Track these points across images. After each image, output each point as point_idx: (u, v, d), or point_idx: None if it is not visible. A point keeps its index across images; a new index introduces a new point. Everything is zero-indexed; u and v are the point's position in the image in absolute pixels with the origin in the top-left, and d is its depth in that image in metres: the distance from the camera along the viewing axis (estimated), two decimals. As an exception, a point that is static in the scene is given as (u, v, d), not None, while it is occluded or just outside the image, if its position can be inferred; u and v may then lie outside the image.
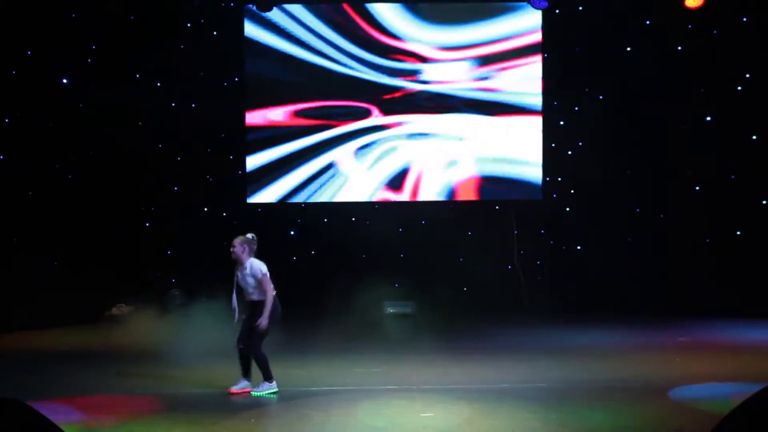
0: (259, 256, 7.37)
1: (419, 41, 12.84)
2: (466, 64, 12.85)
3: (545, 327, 11.31)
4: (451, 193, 12.89)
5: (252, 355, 7.25)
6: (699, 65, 12.47)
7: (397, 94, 12.89)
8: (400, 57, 12.86)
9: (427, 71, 12.88)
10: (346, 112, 12.92)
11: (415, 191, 12.92)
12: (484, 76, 12.86)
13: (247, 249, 7.33)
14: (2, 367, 8.82)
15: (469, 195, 12.87)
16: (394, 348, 9.39)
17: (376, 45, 12.85)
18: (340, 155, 12.92)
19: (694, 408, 6.65)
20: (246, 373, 7.34)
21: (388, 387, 7.54)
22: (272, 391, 7.28)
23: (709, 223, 12.54)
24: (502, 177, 12.88)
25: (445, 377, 7.99)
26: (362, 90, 12.89)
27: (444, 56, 12.85)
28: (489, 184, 12.88)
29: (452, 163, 12.90)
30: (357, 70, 12.88)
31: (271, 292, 7.16)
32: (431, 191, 12.91)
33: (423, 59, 12.86)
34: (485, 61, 12.84)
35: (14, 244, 11.82)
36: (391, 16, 12.84)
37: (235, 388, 7.30)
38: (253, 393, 7.27)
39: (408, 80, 12.88)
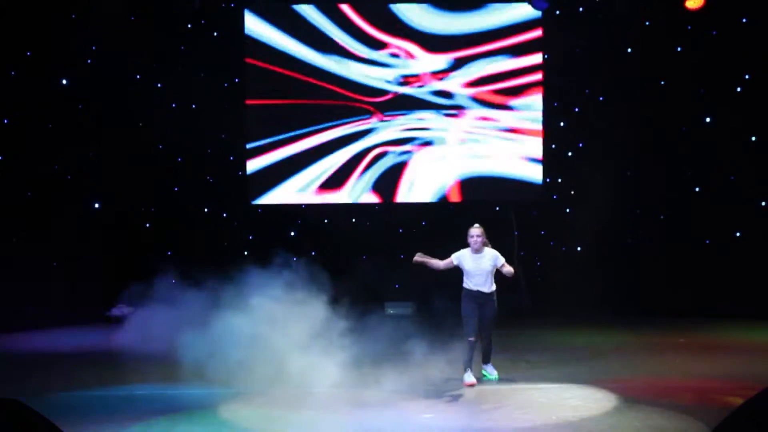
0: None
1: (419, 40, 12.83)
2: (466, 66, 12.84)
3: (545, 328, 11.31)
4: (451, 193, 12.89)
5: (490, 341, 7.87)
6: (699, 65, 12.46)
7: (396, 95, 12.88)
8: (400, 57, 12.85)
9: (427, 71, 12.87)
10: (347, 113, 12.91)
11: (415, 192, 12.92)
12: (485, 76, 12.85)
13: (485, 238, 7.89)
14: (2, 367, 8.82)
15: (469, 196, 12.86)
16: (394, 349, 9.39)
17: (376, 45, 12.84)
18: (341, 156, 12.92)
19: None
20: (487, 359, 8.01)
21: (388, 387, 7.54)
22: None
23: (708, 225, 12.53)
24: (502, 177, 12.87)
25: (444, 378, 7.99)
26: (363, 90, 12.89)
27: (444, 56, 12.84)
28: (489, 184, 12.87)
29: (452, 164, 12.89)
30: (358, 70, 12.88)
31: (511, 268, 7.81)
32: (431, 192, 12.91)
33: (422, 59, 12.85)
34: (485, 62, 12.83)
35: (14, 245, 11.83)
36: (391, 17, 12.83)
37: (494, 373, 7.98)
38: (490, 376, 7.96)
39: (408, 80, 12.88)
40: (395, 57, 12.87)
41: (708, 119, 12.58)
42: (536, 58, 12.81)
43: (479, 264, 7.76)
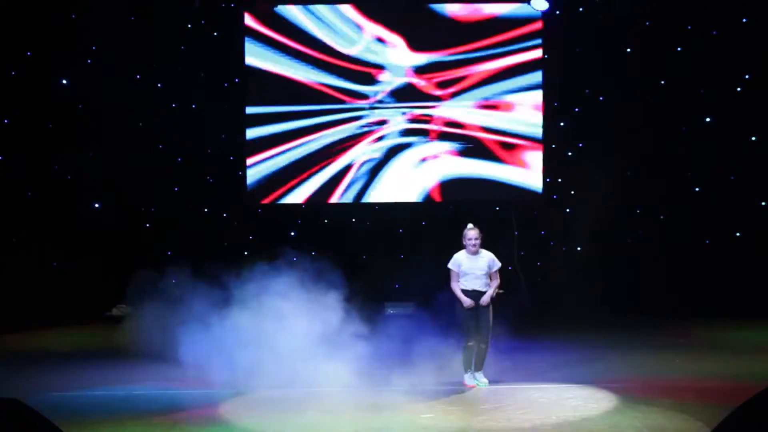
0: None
1: (419, 41, 12.83)
2: (466, 65, 12.84)
3: (545, 328, 11.30)
4: (451, 193, 12.89)
5: (486, 347, 7.71)
6: (699, 65, 12.46)
7: (395, 95, 12.88)
8: (400, 57, 12.85)
9: (427, 71, 12.86)
10: (346, 113, 12.92)
11: (415, 191, 12.92)
12: (485, 75, 12.85)
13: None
14: (2, 367, 8.82)
15: (469, 196, 12.86)
16: (394, 349, 9.39)
17: (375, 45, 12.84)
18: (340, 155, 12.92)
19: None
20: (480, 366, 7.79)
21: (389, 387, 7.54)
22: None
23: (708, 225, 12.54)
24: (502, 178, 12.87)
25: (444, 378, 7.99)
26: (363, 91, 12.89)
27: (443, 56, 12.84)
28: (489, 184, 12.87)
29: (452, 164, 12.89)
30: (358, 70, 12.87)
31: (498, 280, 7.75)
32: (432, 192, 12.91)
33: (423, 59, 12.85)
34: (486, 61, 12.82)
35: (14, 245, 11.83)
36: (391, 16, 12.84)
37: (484, 381, 7.75)
38: (480, 383, 7.72)
39: (408, 81, 12.87)
40: (395, 56, 12.86)
41: (708, 119, 12.58)
42: (536, 56, 12.80)
43: (476, 264, 7.75)
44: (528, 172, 12.86)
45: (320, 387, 7.46)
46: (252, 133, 12.90)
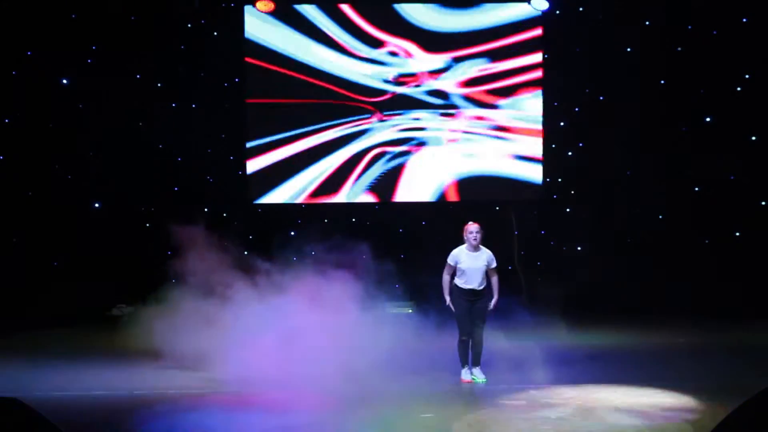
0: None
1: (418, 40, 12.83)
2: (466, 65, 12.84)
3: (545, 328, 11.29)
4: (451, 193, 12.89)
5: (481, 341, 7.77)
6: (699, 65, 12.47)
7: (395, 94, 12.88)
8: (399, 56, 12.85)
9: (426, 70, 12.87)
10: (346, 112, 12.92)
11: (414, 191, 12.92)
12: (485, 75, 12.86)
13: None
14: (2, 367, 8.82)
15: (469, 196, 12.86)
16: (393, 348, 9.40)
17: (375, 44, 12.84)
18: (341, 155, 12.92)
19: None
20: (477, 362, 7.87)
21: (388, 387, 7.54)
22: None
23: (708, 224, 12.53)
24: (502, 177, 12.88)
25: (443, 377, 7.99)
26: (363, 90, 12.88)
27: (444, 56, 12.84)
28: (489, 184, 12.87)
29: (452, 164, 12.89)
30: (357, 70, 12.87)
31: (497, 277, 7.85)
32: (432, 192, 12.91)
33: (423, 59, 12.85)
34: (485, 61, 12.83)
35: (14, 245, 11.83)
36: (391, 17, 12.83)
37: (482, 377, 7.81)
38: (478, 380, 7.80)
39: (407, 79, 12.87)
40: (395, 56, 12.87)
41: (708, 119, 12.59)
42: (536, 58, 12.81)
43: (475, 262, 7.81)
44: (528, 171, 12.86)
45: (319, 387, 7.45)
46: (252, 131, 12.89)
